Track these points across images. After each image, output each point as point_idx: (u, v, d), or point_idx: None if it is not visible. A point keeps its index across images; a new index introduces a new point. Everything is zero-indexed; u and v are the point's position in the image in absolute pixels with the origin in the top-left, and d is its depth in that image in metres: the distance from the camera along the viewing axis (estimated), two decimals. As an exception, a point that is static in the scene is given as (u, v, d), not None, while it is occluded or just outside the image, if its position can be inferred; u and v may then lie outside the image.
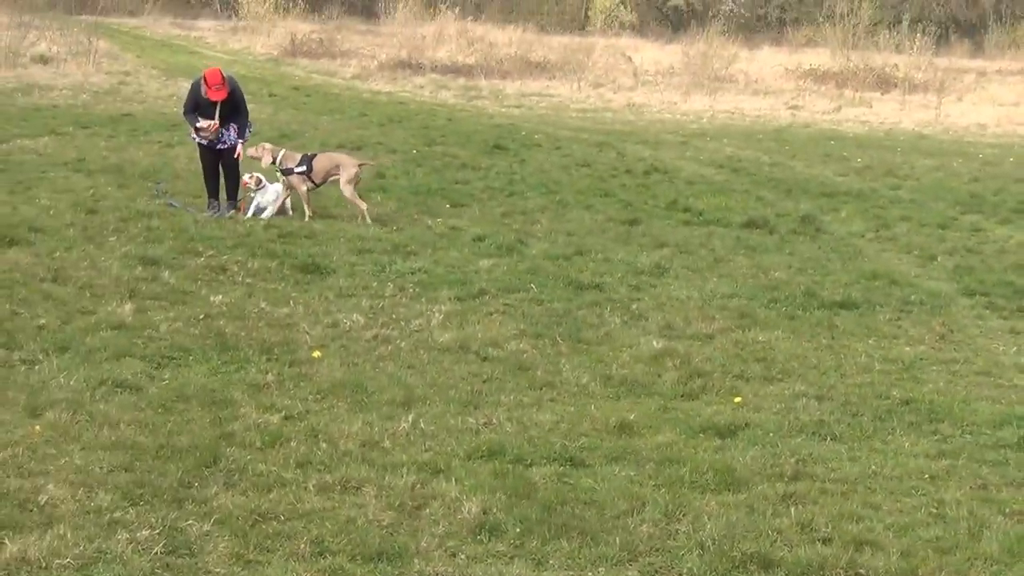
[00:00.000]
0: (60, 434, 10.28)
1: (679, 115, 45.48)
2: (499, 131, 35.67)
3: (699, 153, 33.24)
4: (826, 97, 53.43)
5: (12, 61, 47.80)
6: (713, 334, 14.56)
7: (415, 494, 9.43)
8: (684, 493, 9.68)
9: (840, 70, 60.79)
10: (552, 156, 30.41)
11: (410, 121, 37.47)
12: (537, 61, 61.35)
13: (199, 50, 67.32)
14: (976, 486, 10.10)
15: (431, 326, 14.26)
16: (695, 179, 27.67)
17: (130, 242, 17.76)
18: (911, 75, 59.78)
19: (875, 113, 48.92)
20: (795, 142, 37.97)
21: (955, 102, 53.34)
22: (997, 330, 15.52)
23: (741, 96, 52.60)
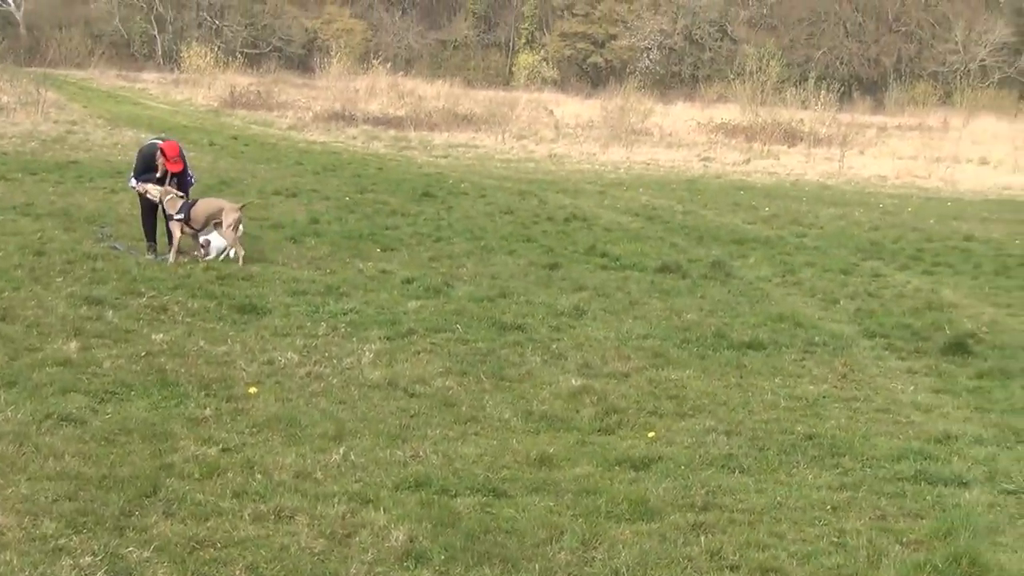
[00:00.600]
0: (7, 465, 10.23)
1: (598, 165, 45.60)
2: (427, 180, 35.68)
3: (616, 201, 33.33)
4: (736, 150, 53.69)
5: (-36, 111, 47.69)
6: (628, 373, 14.58)
7: (345, 523, 9.43)
8: (600, 523, 9.71)
9: (749, 124, 61.12)
10: (477, 204, 30.44)
11: (343, 170, 37.44)
12: (464, 114, 61.46)
13: (143, 101, 67.15)
14: (875, 516, 10.17)
15: (361, 364, 14.23)
16: (612, 226, 27.73)
17: (75, 283, 17.67)
18: (816, 129, 60.16)
19: (782, 165, 49.19)
20: (707, 192, 38.11)
21: (857, 155, 53.69)
22: (895, 370, 15.60)
23: (656, 148, 52.78)
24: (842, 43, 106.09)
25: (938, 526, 9.93)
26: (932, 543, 9.58)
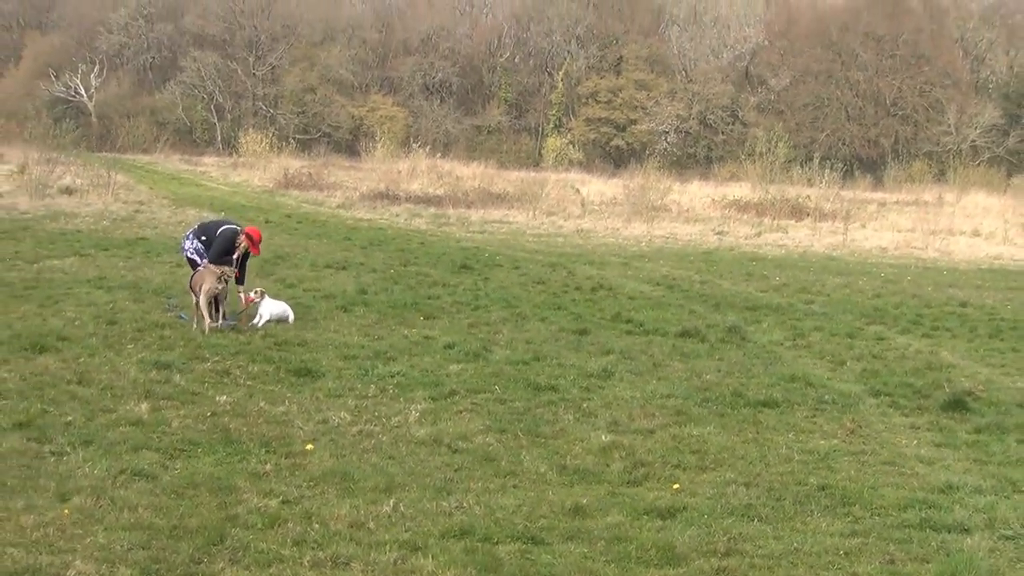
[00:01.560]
0: (85, 516, 10.27)
1: (621, 239, 45.56)
2: (465, 253, 35.70)
3: (639, 272, 33.30)
4: (748, 224, 53.58)
5: (41, 192, 47.81)
6: (654, 429, 14.53)
7: (397, 569, 9.43)
8: (631, 568, 9.70)
9: (759, 201, 61.05)
10: (512, 275, 30.43)
11: (388, 244, 37.48)
12: (497, 192, 61.49)
13: (204, 183, 67.37)
14: (885, 561, 10.13)
15: (409, 422, 14.22)
16: (636, 295, 27.69)
17: (145, 349, 17.72)
18: (821, 205, 60.07)
19: (790, 238, 49.09)
20: (721, 263, 38.05)
21: (859, 228, 53.59)
22: (900, 426, 15.53)
23: (674, 223, 52.69)
24: (844, 126, 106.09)
25: (943, 570, 9.89)
26: (939, 586, 9.55)
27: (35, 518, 10.15)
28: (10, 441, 12.47)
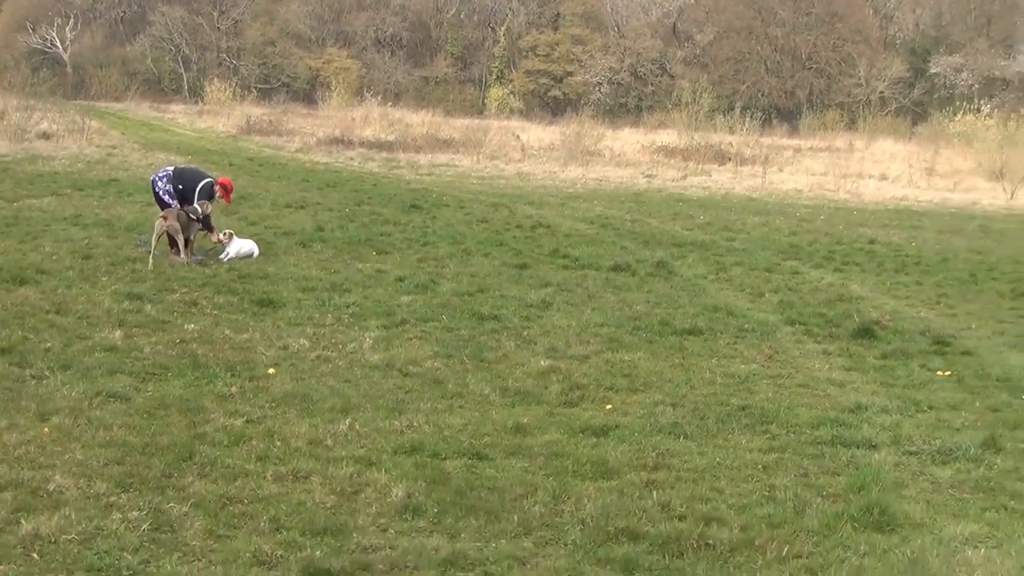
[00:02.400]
0: (64, 435, 10.24)
1: (558, 182, 45.50)
2: (414, 194, 35.60)
3: (574, 212, 33.29)
4: (674, 168, 53.61)
5: (20, 136, 47.41)
6: (588, 355, 14.58)
7: (352, 482, 9.46)
8: (568, 480, 9.74)
9: (685, 147, 61.08)
10: (457, 214, 30.38)
11: (343, 186, 37.33)
12: (444, 138, 61.33)
13: (172, 128, 66.92)
14: (799, 474, 10.22)
15: (363, 348, 14.21)
16: (572, 232, 27.71)
17: (118, 281, 17.63)
18: (741, 151, 60.14)
19: (714, 181, 49.13)
20: (650, 203, 38.09)
21: (777, 172, 53.72)
22: (813, 352, 15.63)
23: (607, 167, 52.64)
24: (763, 78, 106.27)
25: (853, 482, 9.97)
26: (848, 496, 9.62)
27: (17, 436, 10.13)
28: (-7, 366, 12.44)
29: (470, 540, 8.44)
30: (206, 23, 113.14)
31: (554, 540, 8.53)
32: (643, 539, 8.58)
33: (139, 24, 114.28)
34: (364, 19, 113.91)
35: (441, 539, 8.43)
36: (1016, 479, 10.38)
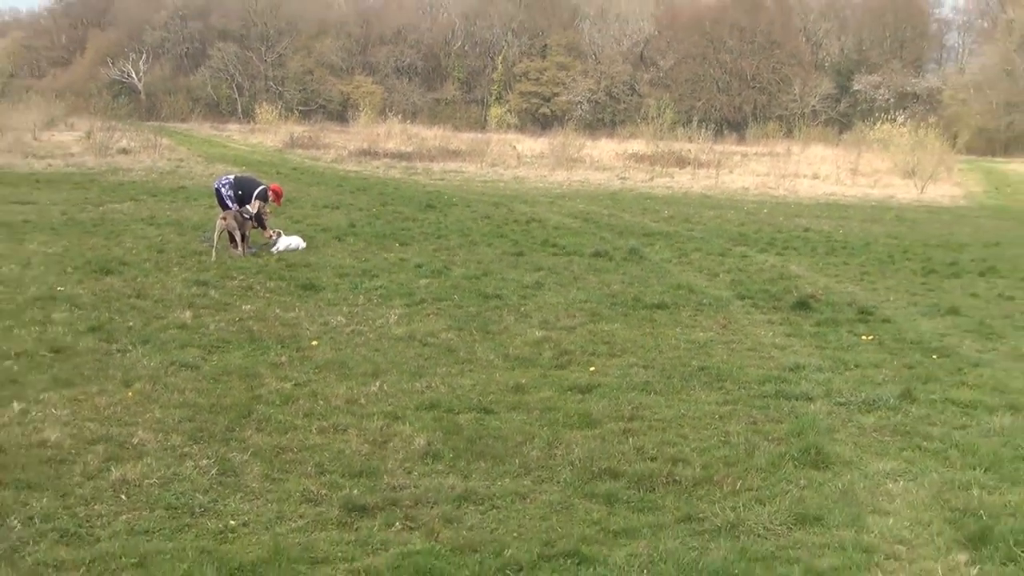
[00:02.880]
0: (144, 398, 10.27)
1: (547, 184, 45.46)
2: (429, 196, 35.58)
3: (561, 208, 33.28)
4: (643, 171, 53.55)
5: (103, 152, 47.48)
6: (574, 326, 14.57)
7: (382, 433, 9.48)
8: (559, 430, 9.76)
9: (652, 153, 61.00)
10: (465, 212, 30.36)
11: (370, 190, 37.31)
12: (453, 149, 61.22)
13: (228, 144, 66.78)
14: (749, 422, 10.23)
15: (389, 323, 14.21)
16: (559, 225, 27.70)
17: (187, 271, 17.64)
18: (698, 156, 60.06)
19: (676, 182, 49.09)
20: (623, 201, 38.07)
21: (727, 174, 53.65)
22: (759, 321, 15.62)
23: (588, 171, 52.58)
24: (715, 96, 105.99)
25: (793, 428, 9.99)
26: (789, 439, 9.64)
27: (106, 399, 10.16)
28: (86, 341, 12.43)
29: (480, 480, 8.47)
30: (255, 57, 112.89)
31: (548, 479, 8.56)
32: (621, 477, 8.61)
33: (200, 58, 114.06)
34: (386, 51, 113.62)
35: (456, 479, 8.46)
36: (928, 424, 10.42)
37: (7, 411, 9.72)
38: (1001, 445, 9.78)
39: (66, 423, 9.41)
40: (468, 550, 7.18)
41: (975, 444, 9.75)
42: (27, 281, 16.15)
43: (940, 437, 9.97)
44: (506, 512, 7.87)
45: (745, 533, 7.63)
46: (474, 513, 7.84)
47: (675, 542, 7.40)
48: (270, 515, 7.68)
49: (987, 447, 9.67)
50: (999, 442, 9.88)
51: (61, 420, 9.48)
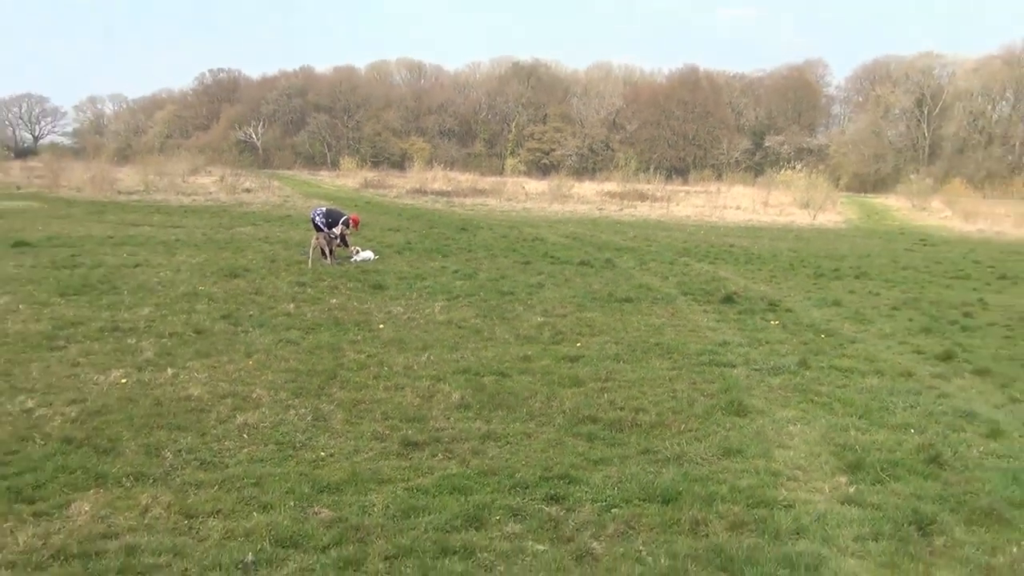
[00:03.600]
0: (260, 365, 10.28)
1: (547, 213, 45.44)
2: (463, 221, 35.62)
3: (557, 230, 33.27)
4: (615, 204, 53.40)
5: (232, 191, 47.79)
6: (566, 314, 14.54)
7: (429, 390, 9.47)
8: (555, 388, 9.75)
9: (622, 191, 60.90)
10: (488, 233, 30.37)
11: (421, 218, 37.36)
12: (480, 188, 61.17)
13: (320, 185, 66.78)
14: (690, 382, 10.19)
15: (434, 312, 14.20)
16: (556, 242, 27.69)
17: (292, 275, 17.65)
18: (654, 193, 60.02)
19: (638, 212, 48.99)
20: (601, 225, 38.05)
21: (675, 206, 53.47)
22: (698, 311, 15.57)
23: (576, 204, 52.45)
24: (667, 150, 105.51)
25: (721, 386, 9.98)
26: (719, 395, 9.62)
27: (233, 366, 10.18)
28: (219, 325, 12.46)
29: (498, 423, 8.46)
30: (340, 123, 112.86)
31: (547, 423, 8.54)
32: (599, 421, 8.59)
33: (301, 123, 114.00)
34: (433, 119, 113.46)
35: (481, 423, 8.44)
36: (818, 384, 10.38)
37: (163, 374, 9.76)
38: (870, 399, 9.77)
39: (204, 383, 9.43)
40: (490, 473, 7.18)
41: (852, 398, 9.74)
42: (178, 282, 16.21)
43: (827, 393, 9.96)
44: (516, 447, 7.87)
45: (687, 462, 7.62)
46: (494, 447, 7.84)
47: (637, 468, 7.39)
48: (349, 449, 7.69)
49: (860, 401, 9.66)
50: (868, 397, 9.87)
51: (201, 381, 9.51)
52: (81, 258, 19.19)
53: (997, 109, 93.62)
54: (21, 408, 8.41)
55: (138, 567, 5.52)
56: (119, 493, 6.58)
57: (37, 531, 5.94)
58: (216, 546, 5.81)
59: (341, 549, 5.81)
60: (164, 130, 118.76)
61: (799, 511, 6.63)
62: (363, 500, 6.58)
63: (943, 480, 7.36)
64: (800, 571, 5.68)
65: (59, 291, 14.81)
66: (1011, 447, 8.29)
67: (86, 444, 7.50)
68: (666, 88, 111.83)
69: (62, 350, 10.76)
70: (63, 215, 31.70)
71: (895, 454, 7.91)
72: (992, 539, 6.31)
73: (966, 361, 12.07)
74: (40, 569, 5.47)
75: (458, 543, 5.92)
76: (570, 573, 5.63)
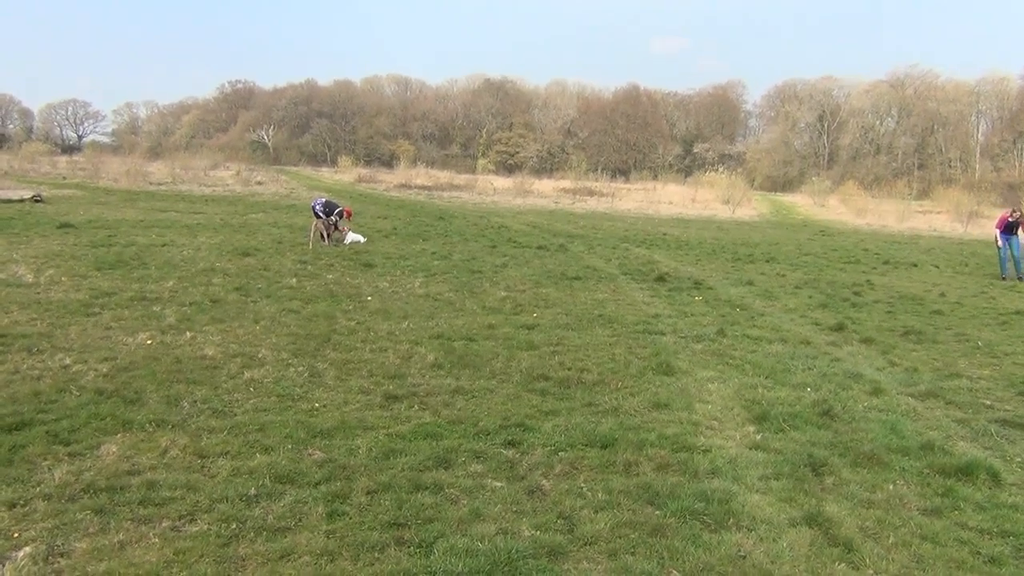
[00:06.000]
0: (266, 330, 10.14)
1: (512, 206, 45.29)
2: (440, 211, 35.42)
3: (520, 220, 33.16)
4: (568, 198, 53.34)
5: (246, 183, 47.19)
6: (525, 290, 14.48)
7: (408, 352, 9.36)
8: (514, 351, 9.67)
9: (574, 188, 60.81)
10: (462, 221, 30.23)
11: (405, 208, 37.12)
12: (456, 184, 60.86)
13: (321, 180, 66.09)
14: (627, 348, 10.16)
15: (415, 287, 14.10)
16: (518, 230, 27.61)
17: (295, 254, 17.46)
18: (601, 189, 60.01)
19: (588, 205, 49.02)
20: (556, 216, 38.01)
21: (619, 200, 53.58)
22: (635, 288, 15.58)
23: (536, 199, 52.32)
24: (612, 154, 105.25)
25: (653, 351, 9.96)
26: (651, 358, 9.60)
27: (244, 331, 10.03)
28: (231, 296, 12.29)
29: (465, 380, 8.38)
30: (338, 127, 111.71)
31: (506, 380, 8.48)
32: (550, 379, 8.53)
33: (305, 127, 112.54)
34: (417, 125, 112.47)
35: (452, 380, 8.36)
36: (733, 350, 10.41)
37: (182, 336, 9.60)
38: (776, 362, 9.81)
39: (218, 344, 9.29)
40: (457, 422, 7.12)
41: (760, 362, 9.78)
42: (198, 259, 15.98)
43: (740, 357, 9.99)
44: (480, 400, 7.81)
45: (623, 413, 7.61)
46: (461, 400, 7.78)
47: (581, 418, 7.37)
48: (339, 400, 7.60)
49: (767, 363, 9.69)
50: (774, 360, 9.91)
51: (215, 342, 9.37)
52: (116, 238, 18.87)
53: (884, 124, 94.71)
54: (60, 364, 8.26)
55: (157, 499, 5.43)
56: (142, 437, 6.47)
57: (71, 468, 5.83)
58: (224, 482, 5.72)
59: (330, 485, 5.75)
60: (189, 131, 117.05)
61: (714, 455, 6.64)
62: (350, 444, 6.50)
63: (834, 430, 7.41)
64: (714, 504, 5.69)
65: (96, 266, 14.56)
66: (890, 403, 8.36)
67: (115, 395, 7.37)
68: (612, 102, 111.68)
69: (97, 315, 10.58)
70: (102, 202, 31.17)
71: (795, 408, 7.94)
72: (872, 479, 6.36)
73: (854, 332, 12.17)
74: (73, 500, 5.36)
75: (429, 480, 5.88)
76: (523, 505, 5.60)
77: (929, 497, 6.07)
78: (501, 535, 5.13)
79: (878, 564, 5.08)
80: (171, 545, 4.88)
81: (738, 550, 5.13)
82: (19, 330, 9.55)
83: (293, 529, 5.13)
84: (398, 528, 5.18)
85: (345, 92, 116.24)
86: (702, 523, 5.44)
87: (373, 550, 4.91)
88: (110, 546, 4.84)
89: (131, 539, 4.93)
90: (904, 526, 5.59)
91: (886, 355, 10.68)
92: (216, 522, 5.16)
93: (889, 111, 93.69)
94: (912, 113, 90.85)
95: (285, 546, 4.91)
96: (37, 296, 11.62)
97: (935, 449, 6.94)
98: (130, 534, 4.99)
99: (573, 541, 5.14)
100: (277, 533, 5.07)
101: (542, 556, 4.93)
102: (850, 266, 22.01)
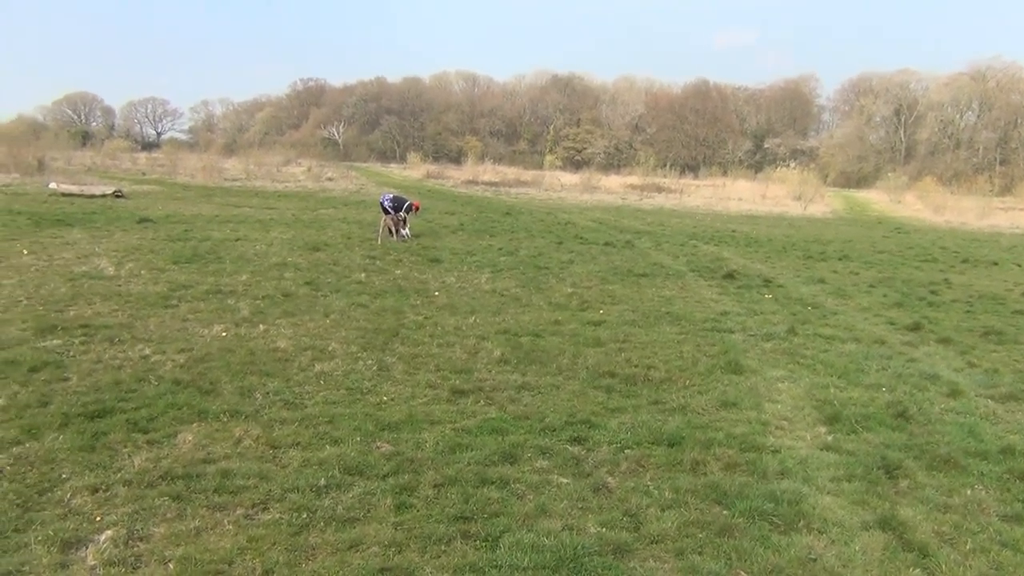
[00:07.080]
0: (335, 324, 10.29)
1: (579, 202, 45.15)
2: (508, 207, 35.49)
3: (586, 216, 33.04)
4: (636, 195, 52.99)
5: (317, 179, 47.92)
6: (591, 286, 14.45)
7: (475, 347, 9.42)
8: (580, 348, 9.66)
9: (642, 184, 60.38)
10: (528, 217, 30.24)
11: (473, 203, 37.29)
12: (523, 180, 60.89)
13: (391, 176, 66.90)
14: (696, 345, 10.06)
15: (481, 282, 14.17)
16: (585, 226, 27.51)
17: (363, 249, 17.69)
18: (669, 185, 59.48)
19: (656, 201, 48.58)
20: (624, 212, 37.75)
21: (687, 197, 52.99)
22: (703, 285, 15.40)
23: (603, 195, 52.10)
24: (681, 150, 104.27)
25: (721, 349, 9.85)
26: (719, 356, 9.50)
27: (313, 325, 10.20)
28: (302, 290, 12.51)
29: (532, 376, 8.40)
30: (407, 124, 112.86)
31: (572, 376, 8.48)
32: (617, 376, 8.50)
33: (375, 124, 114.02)
34: (484, 121, 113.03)
35: (517, 376, 8.39)
36: (804, 348, 10.22)
37: (256, 329, 9.82)
38: (848, 362, 9.60)
39: (289, 337, 9.47)
40: (523, 418, 7.14)
41: (832, 361, 9.58)
42: (270, 254, 16.31)
43: (811, 356, 9.80)
44: (546, 396, 7.82)
45: (690, 412, 7.53)
46: (527, 396, 7.80)
47: (647, 416, 7.32)
48: (407, 394, 7.68)
49: (839, 363, 9.49)
50: (847, 360, 9.70)
51: (287, 335, 9.55)
52: (192, 233, 19.38)
53: (964, 118, 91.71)
54: (140, 355, 8.52)
55: (231, 488, 5.56)
56: (217, 426, 6.64)
57: (150, 456, 6.01)
58: (295, 472, 5.84)
59: (398, 477, 5.82)
60: (263, 128, 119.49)
61: (784, 455, 6.53)
62: (417, 437, 6.57)
63: (909, 432, 7.22)
64: (783, 505, 5.60)
65: (174, 259, 14.98)
66: (968, 405, 8.11)
67: (191, 385, 7.57)
68: (681, 97, 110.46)
69: (174, 308, 10.88)
70: (179, 197, 32.04)
71: (868, 409, 7.76)
72: (949, 483, 6.18)
73: (931, 331, 11.84)
74: (151, 487, 5.53)
75: (495, 475, 5.90)
76: (589, 502, 5.58)
77: (1009, 503, 5.87)
78: (567, 531, 5.13)
79: (954, 570, 4.94)
80: (245, 532, 5.00)
81: (808, 553, 5.04)
82: (101, 321, 9.89)
83: (362, 520, 5.20)
84: (464, 522, 5.22)
85: (414, 89, 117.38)
86: (771, 524, 5.35)
87: (440, 543, 4.96)
88: (187, 532, 4.99)
89: (206, 525, 5.08)
90: (982, 532, 5.41)
91: (965, 356, 10.35)
92: (287, 511, 5.27)
93: (970, 104, 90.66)
94: (994, 106, 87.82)
95: (354, 536, 4.99)
96: (118, 288, 12.01)
97: (1016, 454, 6.71)
98: (206, 520, 5.13)
99: (639, 539, 5.11)
100: (346, 524, 5.15)
101: (608, 553, 4.92)
102: (927, 264, 21.39)
